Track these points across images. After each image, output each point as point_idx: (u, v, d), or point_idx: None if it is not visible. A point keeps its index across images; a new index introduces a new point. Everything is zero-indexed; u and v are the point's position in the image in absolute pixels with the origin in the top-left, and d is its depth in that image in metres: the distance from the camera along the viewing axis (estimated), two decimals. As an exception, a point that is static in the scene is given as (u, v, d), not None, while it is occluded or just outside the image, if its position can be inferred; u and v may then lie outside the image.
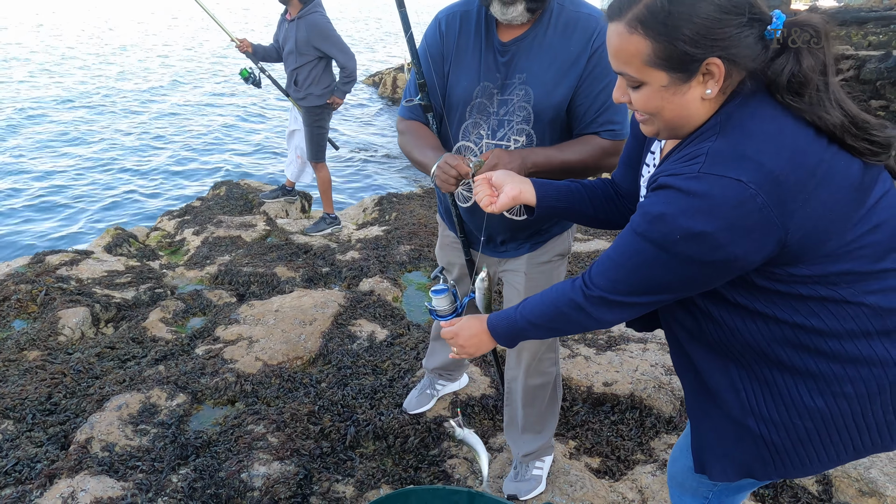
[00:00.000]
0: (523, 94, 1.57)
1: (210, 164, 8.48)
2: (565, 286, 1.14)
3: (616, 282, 1.04)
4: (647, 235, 0.97)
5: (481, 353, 1.34)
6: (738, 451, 1.15)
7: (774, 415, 1.08)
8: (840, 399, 1.03)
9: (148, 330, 3.16)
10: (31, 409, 2.46)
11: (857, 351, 1.01)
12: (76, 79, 12.63)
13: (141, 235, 4.79)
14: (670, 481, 1.42)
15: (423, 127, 1.71)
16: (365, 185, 8.07)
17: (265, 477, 2.15)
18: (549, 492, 2.11)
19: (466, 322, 1.33)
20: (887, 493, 2.06)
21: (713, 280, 0.98)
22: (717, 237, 0.90)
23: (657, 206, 0.95)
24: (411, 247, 4.31)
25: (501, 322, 1.27)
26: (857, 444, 1.07)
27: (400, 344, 3.04)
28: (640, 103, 1.01)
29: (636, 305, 1.06)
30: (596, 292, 1.07)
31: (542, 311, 1.18)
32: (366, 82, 14.20)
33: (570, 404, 2.59)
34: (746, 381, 1.09)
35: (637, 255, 1.00)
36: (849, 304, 0.98)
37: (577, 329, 1.16)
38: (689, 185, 0.92)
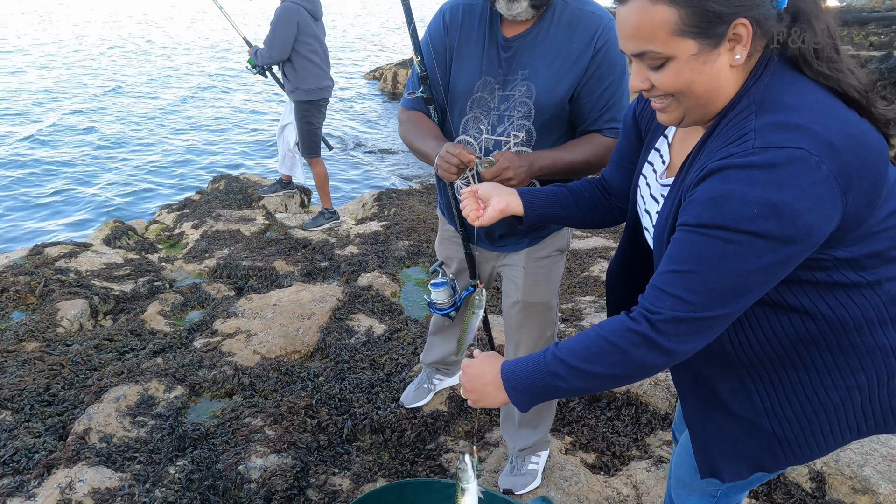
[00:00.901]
0: (525, 90, 1.58)
1: (208, 158, 8.47)
2: (613, 321, 0.98)
3: (688, 294, 0.91)
4: (715, 222, 0.88)
5: (485, 406, 1.11)
6: (748, 449, 1.14)
7: (789, 412, 1.07)
8: (853, 391, 1.04)
9: (146, 322, 3.17)
10: (29, 400, 2.47)
11: (873, 341, 1.01)
12: (72, 72, 12.60)
13: (140, 228, 4.80)
14: (675, 483, 1.41)
15: (424, 117, 1.71)
16: (364, 181, 8.07)
17: (262, 469, 2.17)
18: (545, 486, 2.13)
19: (479, 362, 1.13)
20: (880, 491, 2.07)
21: (790, 263, 0.90)
22: (795, 205, 0.84)
23: (718, 188, 0.88)
24: (410, 242, 4.31)
25: (520, 368, 1.04)
26: (861, 428, 1.08)
27: (398, 339, 3.04)
28: (666, 82, 0.95)
29: (715, 320, 0.93)
30: (666, 314, 0.93)
31: (584, 352, 0.98)
32: (366, 77, 14.17)
33: (567, 400, 2.60)
34: (760, 383, 1.08)
35: (708, 251, 0.89)
36: (870, 292, 0.99)
37: (633, 372, 0.98)
38: (749, 160, 0.86)
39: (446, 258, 2.06)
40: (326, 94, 4.48)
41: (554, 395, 1.02)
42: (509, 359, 1.14)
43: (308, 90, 4.37)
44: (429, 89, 1.65)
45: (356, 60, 16.02)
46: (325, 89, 4.45)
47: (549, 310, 1.89)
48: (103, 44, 15.49)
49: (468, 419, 2.51)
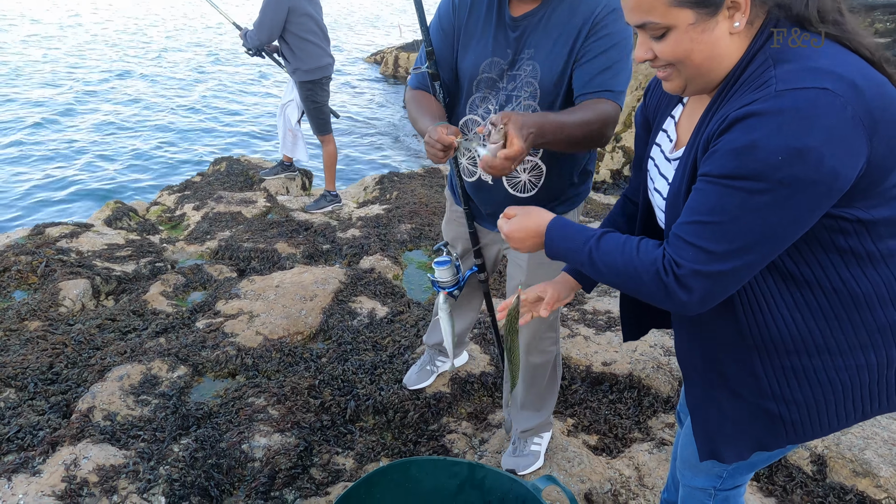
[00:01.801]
0: (531, 70, 1.57)
1: (209, 140, 8.42)
2: (655, 253, 1.00)
3: (709, 245, 0.92)
4: (739, 172, 0.88)
5: (524, 252, 1.22)
6: (750, 430, 1.14)
7: (798, 395, 1.07)
8: (862, 371, 1.04)
9: (148, 303, 3.17)
10: (32, 378, 2.47)
11: (885, 318, 1.01)
12: (73, 54, 12.49)
13: (141, 209, 4.78)
14: (681, 463, 1.42)
15: (427, 95, 1.71)
16: (365, 164, 8.04)
17: (266, 448, 2.17)
18: (547, 467, 2.14)
19: (523, 220, 1.19)
20: (881, 474, 2.08)
21: (815, 212, 0.90)
22: (820, 150, 0.83)
23: (741, 138, 0.87)
24: (412, 225, 4.30)
25: (563, 243, 1.13)
26: (866, 409, 1.08)
27: (400, 321, 3.05)
28: (667, 51, 0.97)
29: (733, 273, 0.94)
30: (688, 267, 0.95)
31: (616, 266, 1.04)
32: (367, 61, 14.06)
33: (569, 383, 2.60)
34: (770, 369, 1.07)
35: (730, 200, 0.89)
36: (884, 267, 0.99)
37: (645, 299, 1.04)
38: (771, 105, 0.85)
39: (453, 239, 2.05)
40: (328, 72, 4.45)
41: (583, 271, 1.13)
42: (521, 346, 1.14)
43: (308, 70, 4.33)
44: (434, 65, 1.64)
45: (357, 44, 15.89)
46: (325, 67, 4.41)
47: None
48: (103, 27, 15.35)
49: (471, 401, 2.52)
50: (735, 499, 1.40)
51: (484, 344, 2.82)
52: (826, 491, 2.08)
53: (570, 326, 2.96)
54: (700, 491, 1.40)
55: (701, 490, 1.40)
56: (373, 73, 13.05)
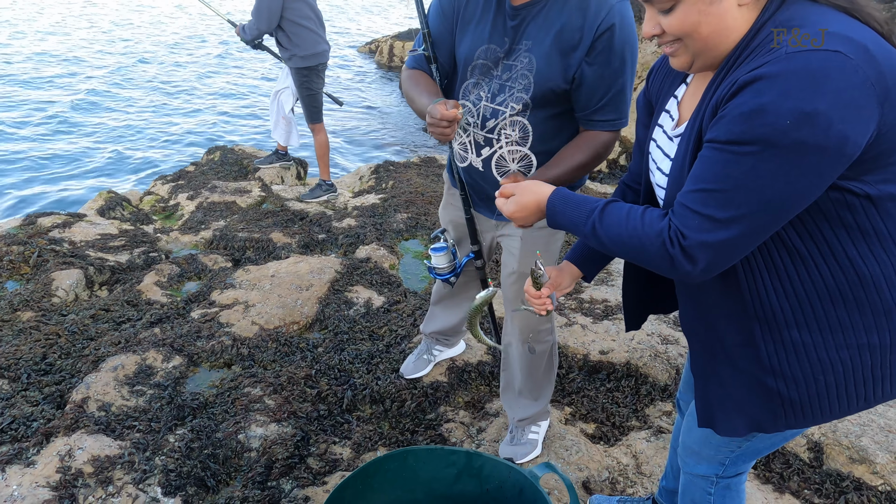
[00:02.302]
0: (527, 62, 1.55)
1: (202, 129, 8.35)
2: (660, 224, 0.99)
3: (715, 213, 0.91)
4: (746, 137, 0.86)
5: (525, 226, 1.23)
6: (748, 406, 1.14)
7: (797, 372, 1.06)
8: (864, 350, 1.03)
9: (143, 293, 3.14)
10: (26, 369, 2.45)
11: (891, 300, 1.00)
12: (63, 43, 12.34)
13: (134, 199, 4.74)
14: (683, 451, 1.42)
15: (423, 75, 1.71)
16: (361, 154, 7.99)
17: (262, 438, 2.16)
18: (545, 456, 2.14)
19: (522, 198, 1.18)
20: (877, 461, 2.09)
21: (823, 179, 0.89)
22: (830, 114, 0.82)
23: (749, 101, 0.85)
24: (408, 215, 4.28)
25: (566, 214, 1.12)
26: (869, 395, 1.07)
27: (397, 311, 3.03)
28: (675, 25, 0.96)
29: (737, 241, 0.93)
30: (693, 238, 0.94)
31: (620, 238, 1.04)
32: (361, 50, 13.94)
33: (567, 371, 2.60)
34: (770, 342, 1.07)
35: (736, 167, 0.88)
36: (891, 245, 0.98)
37: (649, 268, 1.04)
38: (781, 67, 0.84)
39: (448, 223, 2.04)
40: (324, 59, 4.39)
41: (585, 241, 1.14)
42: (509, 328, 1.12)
43: (304, 56, 4.28)
44: (430, 48, 1.63)
45: (351, 33, 15.76)
46: (321, 54, 4.36)
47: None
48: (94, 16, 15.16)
49: (468, 390, 2.51)
50: (736, 486, 1.40)
51: (481, 333, 2.81)
52: (823, 478, 2.08)
53: (568, 315, 2.95)
54: (702, 478, 1.40)
55: (703, 477, 1.39)
56: (367, 63, 12.96)
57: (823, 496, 2.02)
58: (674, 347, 2.70)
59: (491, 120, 1.63)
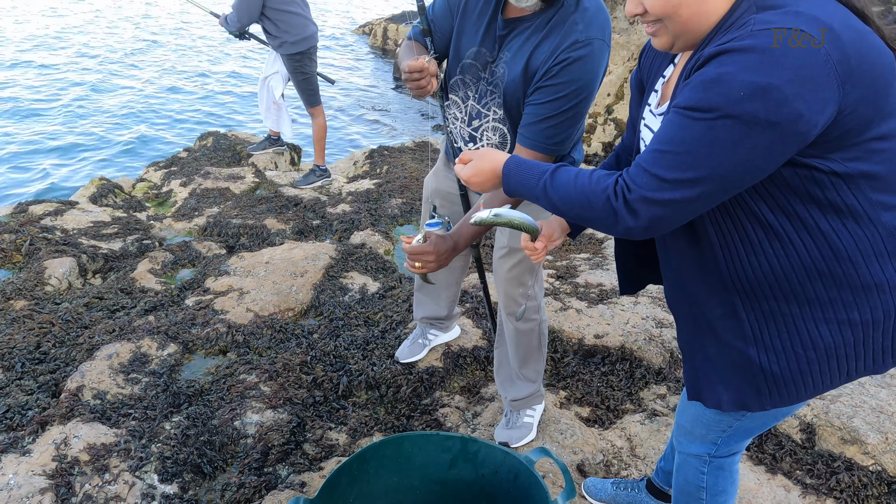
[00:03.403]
0: (501, 73, 1.60)
1: (193, 114, 8.27)
2: (608, 181, 1.02)
3: (663, 173, 0.94)
4: (701, 104, 0.89)
5: (482, 191, 1.25)
6: (733, 380, 1.15)
7: (777, 343, 1.08)
8: (845, 327, 1.04)
9: (136, 281, 3.13)
10: (20, 358, 2.44)
11: (869, 275, 1.00)
12: (53, 28, 12.16)
13: (126, 186, 4.70)
14: (677, 430, 1.43)
15: (418, 44, 1.74)
16: (355, 138, 7.93)
17: (258, 425, 2.17)
18: (540, 439, 2.15)
19: (479, 163, 1.21)
20: (868, 441, 2.11)
21: (774, 154, 0.90)
22: (784, 90, 0.84)
23: (711, 72, 0.88)
24: (403, 200, 4.26)
25: (518, 178, 1.15)
26: (851, 370, 1.08)
27: (392, 296, 3.03)
28: (657, 6, 0.98)
29: (680, 203, 0.95)
30: (637, 193, 0.97)
31: (569, 198, 1.06)
32: (356, 32, 13.79)
33: (562, 356, 2.61)
34: (751, 312, 1.08)
35: (689, 132, 0.91)
36: (868, 222, 0.98)
37: (595, 227, 1.07)
38: (746, 43, 0.86)
39: (433, 191, 2.05)
40: (314, 42, 4.34)
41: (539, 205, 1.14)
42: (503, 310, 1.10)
43: (295, 42, 4.22)
44: (426, 20, 1.65)
45: (345, 15, 15.57)
46: (311, 37, 4.30)
47: None
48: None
49: (463, 375, 2.52)
50: (730, 466, 1.41)
51: (476, 318, 2.81)
52: (814, 458, 2.10)
53: (563, 300, 2.95)
54: (695, 458, 1.41)
55: (696, 457, 1.41)
56: (361, 45, 12.82)
57: (815, 477, 2.04)
58: (668, 331, 2.71)
59: (476, 120, 1.70)
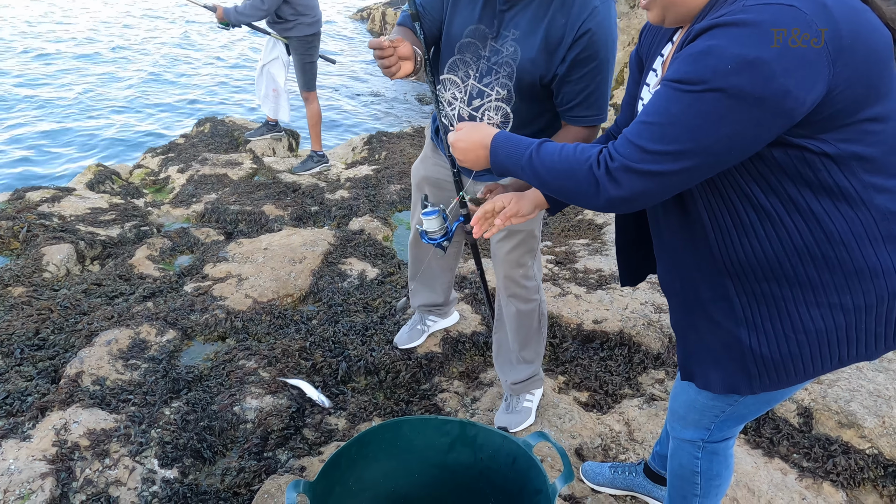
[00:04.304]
0: (512, 51, 1.57)
1: (189, 100, 8.22)
2: (591, 151, 1.03)
3: (647, 144, 0.93)
4: (688, 77, 0.88)
5: (478, 168, 1.27)
6: (724, 362, 1.16)
7: (768, 326, 1.08)
8: (837, 311, 1.03)
9: (135, 267, 3.12)
10: (18, 344, 2.44)
11: (862, 259, 1.00)
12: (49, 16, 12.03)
13: (124, 173, 4.68)
14: (671, 416, 1.44)
15: (408, 30, 1.71)
16: (353, 124, 7.89)
17: (258, 410, 2.17)
18: (539, 424, 2.16)
19: (469, 132, 1.23)
20: (865, 425, 2.12)
21: (759, 131, 0.90)
22: (772, 65, 0.83)
23: (701, 45, 0.88)
24: (401, 186, 4.24)
25: (505, 150, 1.16)
26: (843, 356, 1.08)
27: (391, 282, 3.03)
28: None
29: (663, 175, 0.94)
30: (619, 162, 0.96)
31: (554, 168, 1.07)
32: (353, 18, 13.66)
33: (560, 341, 2.61)
34: (743, 295, 1.09)
35: (675, 104, 0.90)
36: (860, 205, 0.97)
37: (577, 201, 1.06)
38: (736, 18, 0.85)
39: (422, 179, 2.03)
40: (322, 25, 4.36)
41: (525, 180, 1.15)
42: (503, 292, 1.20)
43: (311, 23, 4.23)
44: (414, 5, 1.62)
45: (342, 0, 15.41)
46: (321, 20, 4.34)
47: (531, 238, 1.90)
48: None
49: (462, 360, 2.52)
50: (724, 451, 1.42)
51: (475, 304, 2.81)
52: (812, 442, 2.11)
53: (562, 285, 2.95)
54: (689, 443, 1.41)
55: (690, 442, 1.41)
56: (359, 30, 12.71)
57: (812, 460, 2.05)
58: (667, 316, 2.71)
59: (477, 99, 1.67)
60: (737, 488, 1.92)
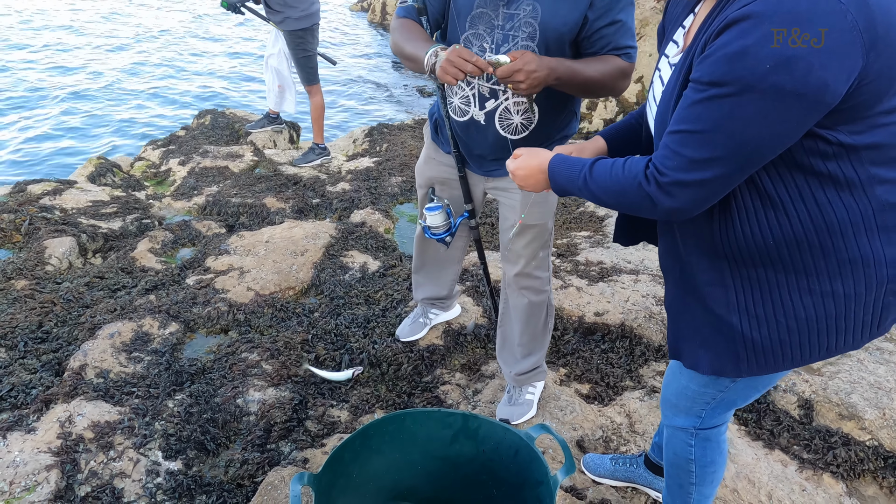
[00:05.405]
0: (530, 10, 1.53)
1: (191, 92, 8.19)
2: (638, 166, 1.04)
3: (693, 154, 0.94)
4: (727, 79, 0.87)
5: (539, 191, 1.30)
6: (713, 343, 1.17)
7: (760, 310, 1.09)
8: (828, 298, 1.04)
9: (137, 260, 3.13)
10: (22, 337, 2.45)
11: (856, 248, 1.01)
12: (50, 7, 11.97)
13: (125, 165, 4.67)
14: (663, 403, 1.45)
15: (415, 24, 1.67)
16: (354, 116, 7.87)
17: (261, 402, 2.19)
18: (540, 416, 2.17)
19: (528, 159, 1.26)
20: (866, 417, 2.13)
21: (799, 126, 0.90)
22: (810, 59, 0.82)
23: (735, 44, 0.86)
24: (403, 178, 4.24)
25: (562, 173, 1.19)
26: (831, 346, 1.09)
27: (392, 275, 3.03)
28: None
29: (714, 182, 0.95)
30: (669, 177, 0.98)
31: (607, 187, 1.10)
32: (353, 8, 13.58)
33: (562, 333, 2.62)
34: (738, 280, 1.10)
35: (716, 111, 0.90)
36: (861, 194, 0.98)
37: (639, 214, 1.09)
38: (769, 8, 0.83)
39: (427, 180, 2.01)
40: (317, 19, 4.28)
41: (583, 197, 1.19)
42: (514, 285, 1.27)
43: (299, 18, 4.16)
44: None
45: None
46: (314, 14, 4.24)
47: (545, 231, 1.89)
48: None
49: (464, 352, 2.53)
50: (716, 437, 1.43)
51: (476, 296, 2.82)
52: (812, 434, 2.12)
53: (563, 278, 2.96)
54: (682, 431, 1.43)
55: (682, 430, 1.43)
56: (360, 21, 12.64)
57: (812, 452, 2.06)
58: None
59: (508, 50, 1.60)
60: (737, 480, 1.93)
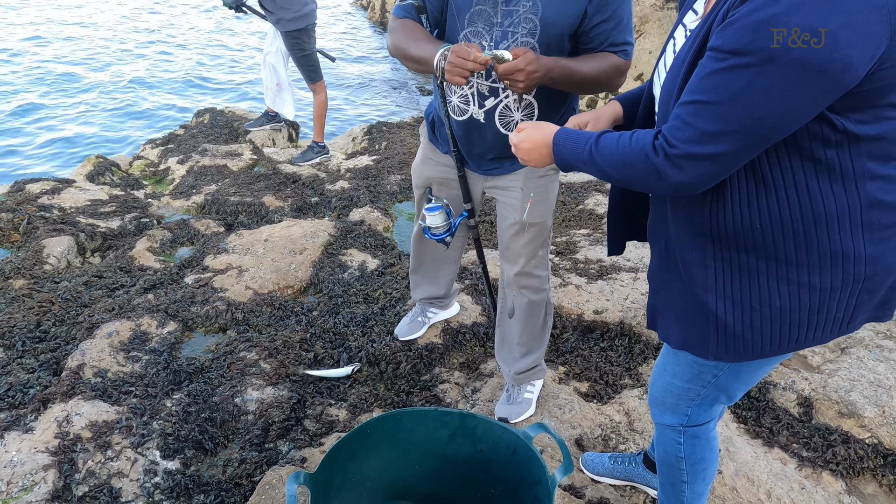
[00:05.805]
0: (530, 6, 1.52)
1: (188, 91, 8.18)
2: (646, 139, 1.01)
3: (706, 126, 0.91)
4: (750, 48, 0.84)
5: (542, 166, 1.28)
6: (686, 321, 1.18)
7: (737, 295, 1.09)
8: (804, 289, 1.04)
9: (135, 259, 3.12)
10: (20, 337, 2.45)
11: (839, 242, 1.00)
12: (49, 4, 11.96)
13: (123, 164, 4.66)
14: (651, 401, 1.46)
15: (416, 24, 1.65)
16: (353, 114, 7.85)
17: (259, 401, 2.18)
18: (539, 414, 2.16)
19: (532, 132, 1.23)
20: (865, 414, 2.12)
21: (819, 103, 0.87)
22: (837, 34, 0.79)
23: (761, 12, 0.82)
24: (402, 176, 4.23)
25: (567, 146, 1.16)
26: (801, 338, 1.09)
27: (391, 273, 3.02)
28: None
29: (729, 156, 0.92)
30: (680, 149, 0.94)
31: (613, 160, 1.06)
32: (354, 5, 13.56)
33: (561, 331, 2.61)
34: (719, 260, 1.10)
35: (735, 82, 0.86)
36: (853, 188, 0.97)
37: (644, 189, 1.07)
38: None
39: (424, 180, 2.00)
40: (313, 19, 4.25)
41: (587, 173, 1.15)
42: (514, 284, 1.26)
43: (293, 19, 4.13)
44: None
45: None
46: (309, 14, 4.21)
47: (545, 229, 1.88)
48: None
49: (463, 351, 2.52)
50: (705, 434, 1.43)
51: (475, 295, 2.81)
52: (811, 432, 2.12)
53: (562, 276, 2.95)
54: (670, 429, 1.43)
55: (670, 428, 1.43)
56: (359, 19, 12.62)
57: (812, 450, 2.06)
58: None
59: (508, 47, 1.59)
60: (736, 478, 1.92)
